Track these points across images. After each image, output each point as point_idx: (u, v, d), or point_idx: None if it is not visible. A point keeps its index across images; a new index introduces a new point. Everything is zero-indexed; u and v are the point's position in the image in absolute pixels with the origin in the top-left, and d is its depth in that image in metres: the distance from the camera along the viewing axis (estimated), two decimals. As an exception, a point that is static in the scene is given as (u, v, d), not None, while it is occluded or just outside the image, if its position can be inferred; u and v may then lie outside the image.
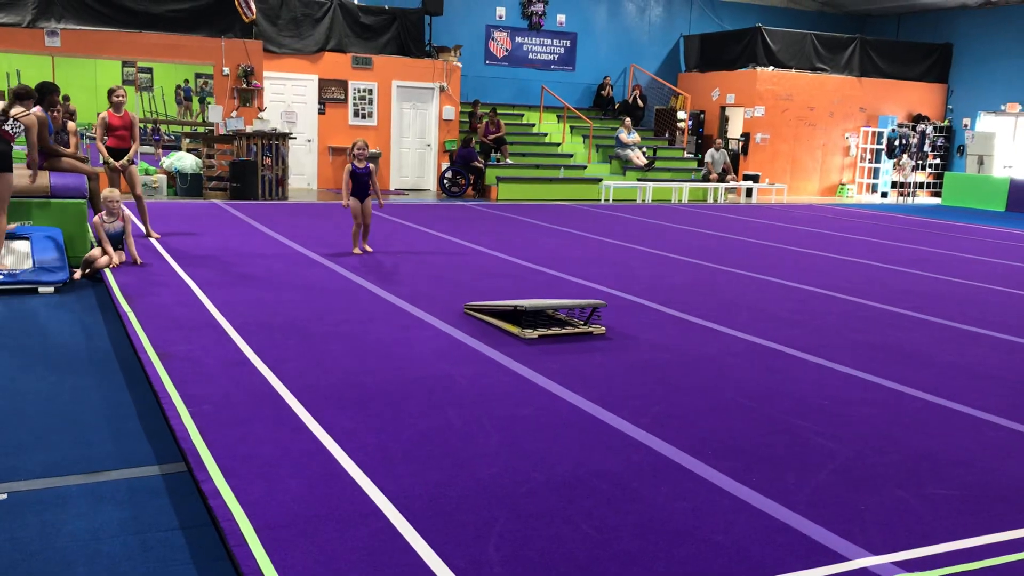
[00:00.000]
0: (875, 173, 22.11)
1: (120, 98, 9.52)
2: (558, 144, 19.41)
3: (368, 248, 9.29)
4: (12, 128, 7.43)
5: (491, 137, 17.64)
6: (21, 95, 7.84)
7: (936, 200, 22.11)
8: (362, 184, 9.14)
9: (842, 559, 3.06)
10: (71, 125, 9.48)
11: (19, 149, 10.08)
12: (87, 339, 5.80)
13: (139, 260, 7.99)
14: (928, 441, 4.32)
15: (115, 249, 7.80)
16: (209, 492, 3.32)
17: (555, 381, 4.99)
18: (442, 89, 17.78)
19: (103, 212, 7.83)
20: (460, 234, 11.31)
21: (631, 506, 3.42)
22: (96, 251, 7.70)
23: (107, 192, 7.91)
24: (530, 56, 20.42)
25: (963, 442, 4.33)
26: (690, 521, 3.31)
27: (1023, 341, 6.58)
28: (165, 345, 5.34)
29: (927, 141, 22.04)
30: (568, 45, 20.71)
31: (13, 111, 7.49)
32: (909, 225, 15.49)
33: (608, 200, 17.52)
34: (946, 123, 22.67)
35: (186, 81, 19.37)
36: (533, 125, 20.01)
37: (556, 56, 20.67)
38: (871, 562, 3.05)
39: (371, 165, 9.18)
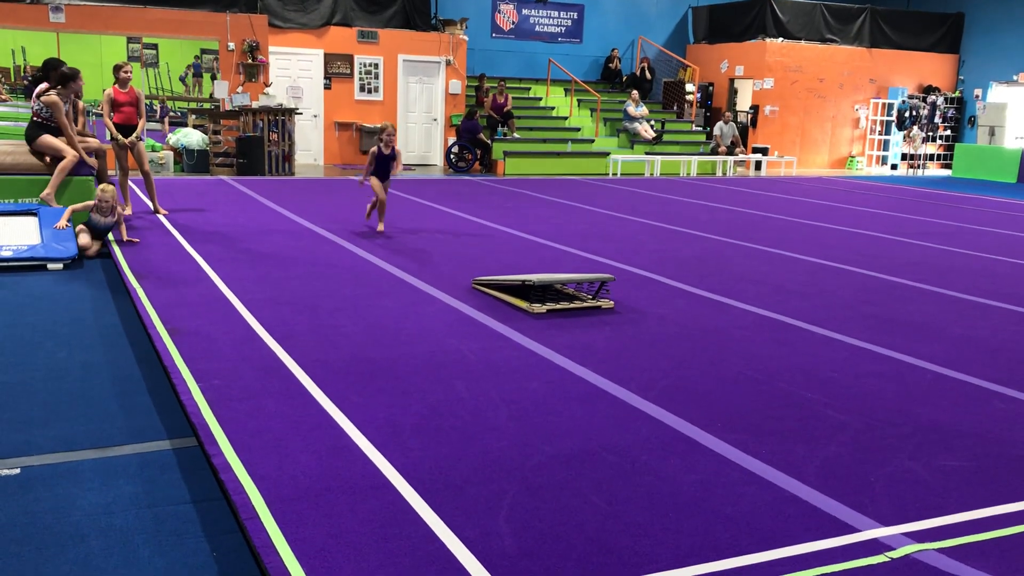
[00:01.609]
0: (885, 145, 21.95)
1: (127, 74, 9.48)
2: (565, 118, 19.31)
3: (381, 228, 9.15)
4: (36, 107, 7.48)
5: (504, 109, 17.54)
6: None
7: (947, 172, 21.95)
8: (385, 166, 9.17)
9: (852, 530, 3.07)
10: (80, 104, 9.45)
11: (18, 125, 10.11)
12: (96, 315, 5.81)
13: (126, 238, 7.90)
14: (938, 413, 4.31)
15: (101, 240, 7.74)
16: (220, 466, 3.34)
17: (564, 355, 4.99)
18: (448, 63, 17.68)
19: (93, 208, 7.73)
20: (467, 209, 11.28)
21: (640, 479, 3.43)
22: (84, 238, 7.61)
23: (101, 191, 7.84)
24: (537, 28, 20.26)
25: (973, 414, 4.32)
26: (699, 493, 3.32)
27: (1034, 313, 6.55)
28: (174, 321, 5.35)
29: (938, 112, 21.85)
30: (575, 17, 20.54)
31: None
32: (919, 197, 15.40)
33: (616, 174, 17.44)
34: (957, 94, 22.46)
35: (196, 57, 19.28)
36: (540, 99, 19.89)
37: (563, 28, 20.51)
38: (881, 533, 3.05)
39: (398, 149, 9.26)
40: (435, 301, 6.23)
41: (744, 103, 21.01)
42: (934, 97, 21.79)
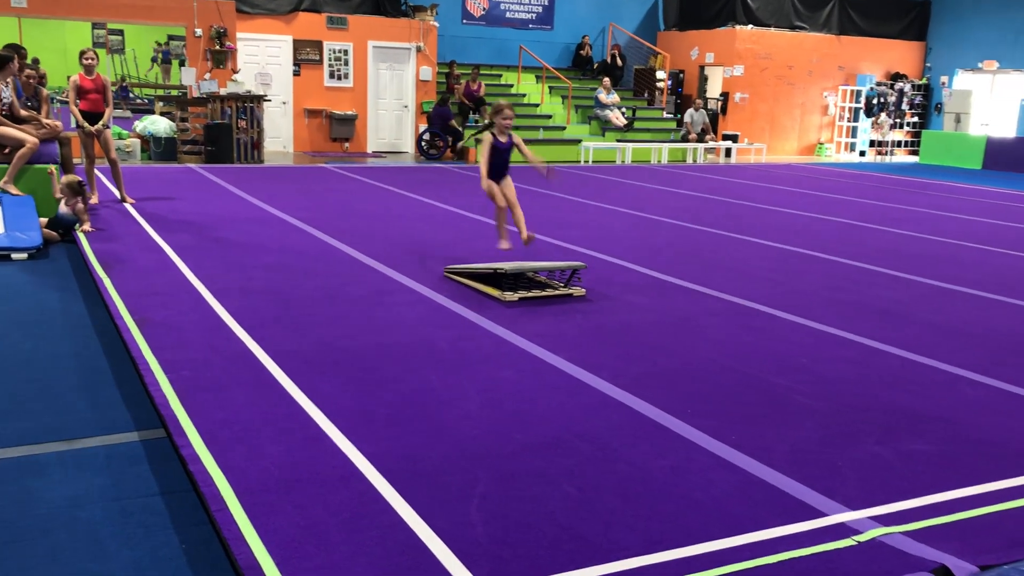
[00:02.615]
0: (853, 132, 22.14)
1: (91, 61, 9.33)
2: (537, 105, 19.27)
3: (530, 234, 6.99)
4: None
5: (476, 96, 17.47)
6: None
7: (914, 158, 22.19)
8: (503, 161, 7.04)
9: (820, 514, 3.10)
10: (43, 91, 9.29)
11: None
12: (62, 305, 5.73)
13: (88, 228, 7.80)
14: (905, 397, 4.36)
15: (64, 234, 7.64)
16: (189, 457, 3.31)
17: (536, 343, 5.00)
18: (419, 49, 17.58)
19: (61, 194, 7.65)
20: (439, 197, 11.25)
21: (612, 465, 3.44)
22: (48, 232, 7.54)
23: (64, 181, 7.74)
24: (508, 15, 20.18)
25: (940, 398, 4.38)
26: (670, 479, 3.34)
27: (998, 298, 6.64)
28: (142, 311, 5.29)
29: (905, 99, 22.06)
30: (546, 3, 20.47)
31: None
32: (887, 184, 15.55)
33: (588, 161, 17.45)
34: (924, 81, 22.69)
35: (164, 44, 19.03)
36: (511, 86, 19.83)
37: (534, 15, 20.45)
38: (848, 517, 3.09)
39: (515, 136, 7.07)
40: (407, 290, 6.20)
41: (714, 90, 21.08)
42: (901, 84, 21.99)
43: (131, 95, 18.08)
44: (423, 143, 16.89)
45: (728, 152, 19.54)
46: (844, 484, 3.36)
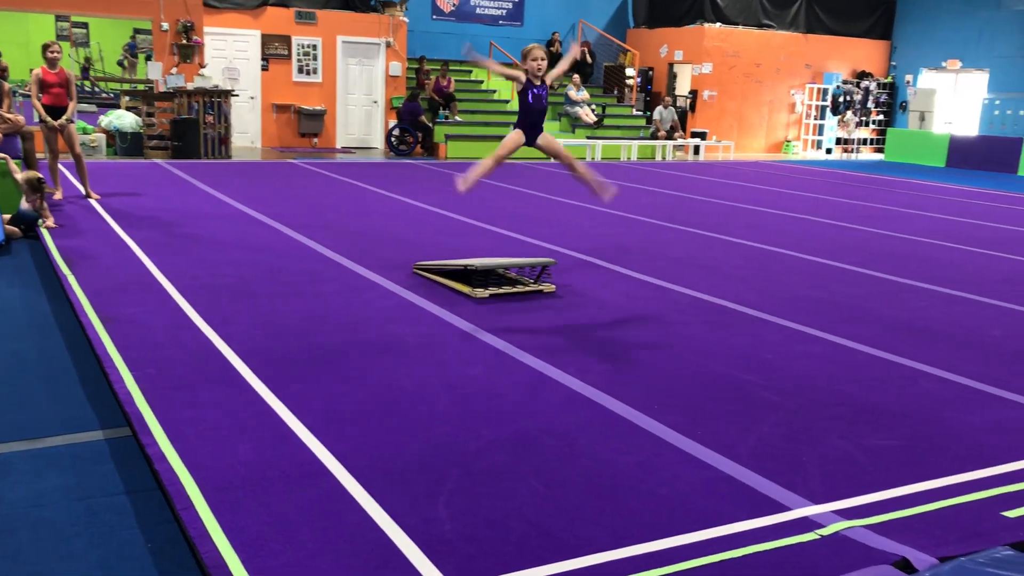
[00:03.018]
0: (820, 130, 22.36)
1: (55, 54, 9.20)
2: (507, 101, 19.26)
3: (607, 189, 6.07)
4: None
5: (446, 92, 17.43)
6: None
7: (879, 156, 22.45)
8: (537, 112, 5.79)
9: (784, 508, 3.14)
10: (5, 85, 9.15)
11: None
12: (25, 303, 5.66)
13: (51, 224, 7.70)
14: (869, 393, 4.42)
15: (26, 231, 7.55)
16: (155, 456, 3.29)
17: (505, 340, 5.01)
18: (388, 44, 17.51)
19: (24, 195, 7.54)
20: (408, 193, 11.22)
21: (580, 461, 3.46)
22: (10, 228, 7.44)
23: (23, 178, 7.63)
24: (478, 11, 20.16)
25: (902, 394, 4.45)
26: (637, 475, 3.36)
27: (960, 294, 6.75)
28: (107, 308, 5.24)
29: (871, 98, 22.32)
30: (516, 0, 20.48)
31: None
32: (853, 181, 15.73)
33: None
34: (889, 80, 22.96)
35: (131, 37, 18.80)
36: (481, 82, 19.82)
37: (504, 11, 20.44)
38: (812, 511, 3.13)
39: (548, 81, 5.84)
40: (375, 286, 6.19)
41: (683, 88, 21.20)
42: (867, 83, 22.24)
43: (95, 88, 17.82)
44: (393, 139, 16.83)
45: (697, 149, 19.66)
46: (808, 479, 3.40)
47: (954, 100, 22.06)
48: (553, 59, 20.49)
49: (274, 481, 3.16)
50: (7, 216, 7.52)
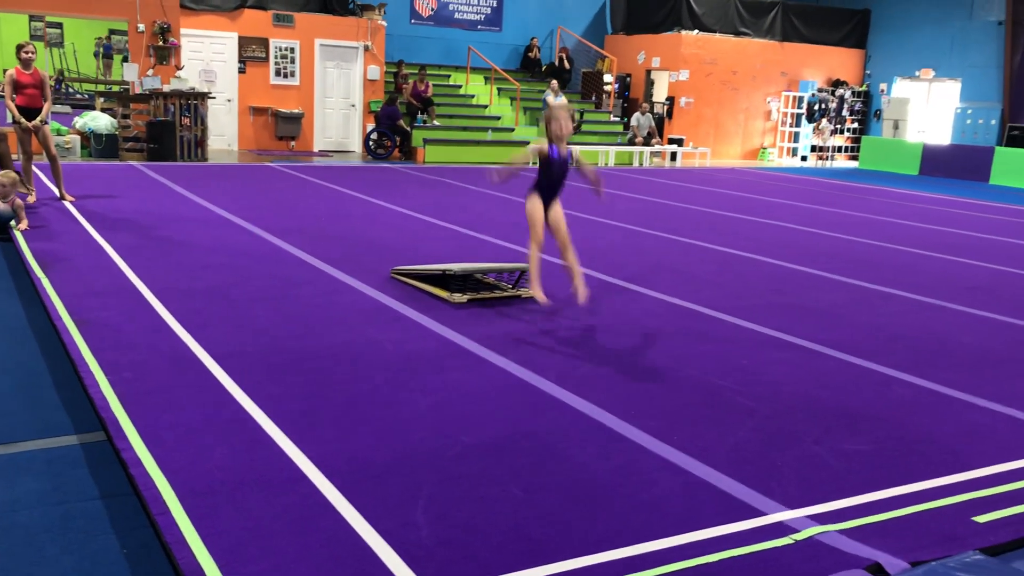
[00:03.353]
0: (795, 137, 22.56)
1: (29, 54, 9.12)
2: (486, 106, 19.30)
3: (582, 289, 5.62)
4: None
5: (424, 96, 17.42)
6: None
7: (854, 164, 22.67)
8: (556, 178, 5.71)
9: (759, 513, 3.17)
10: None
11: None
12: (-2, 306, 5.60)
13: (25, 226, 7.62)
14: (842, 398, 4.47)
15: (2, 234, 7.47)
16: (130, 460, 3.27)
17: (483, 345, 5.02)
18: (367, 48, 17.49)
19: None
20: (386, 197, 11.21)
21: (557, 467, 3.48)
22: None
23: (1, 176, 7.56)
24: (456, 16, 20.18)
25: (875, 398, 4.50)
26: (614, 480, 3.38)
27: (931, 301, 6.84)
28: (82, 312, 5.20)
29: (846, 106, 22.54)
30: (495, 5, 20.52)
31: None
32: (827, 189, 15.87)
33: (535, 163, 17.49)
34: (864, 88, 23.20)
35: (107, 37, 18.65)
36: (460, 86, 19.84)
37: (483, 16, 20.47)
38: (787, 516, 3.16)
39: (576, 151, 5.85)
40: (353, 291, 6.18)
41: (660, 94, 21.31)
42: (842, 91, 22.46)
43: (69, 89, 17.66)
44: (370, 143, 16.80)
45: (673, 156, 19.76)
46: (783, 484, 3.43)
47: (927, 109, 22.33)
48: (530, 64, 20.59)
49: (252, 486, 3.15)
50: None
